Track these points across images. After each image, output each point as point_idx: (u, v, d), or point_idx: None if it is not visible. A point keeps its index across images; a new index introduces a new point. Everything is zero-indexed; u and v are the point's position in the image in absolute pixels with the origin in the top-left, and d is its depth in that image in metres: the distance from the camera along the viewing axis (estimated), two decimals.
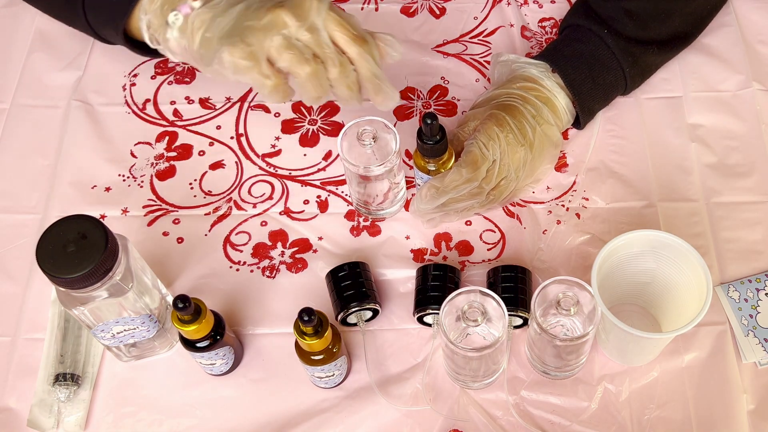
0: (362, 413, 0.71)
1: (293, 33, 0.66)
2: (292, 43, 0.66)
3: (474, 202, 0.75)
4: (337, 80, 0.69)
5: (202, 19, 0.68)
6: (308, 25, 0.66)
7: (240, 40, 0.66)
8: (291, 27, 0.66)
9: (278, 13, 0.66)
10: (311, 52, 0.67)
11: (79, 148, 0.85)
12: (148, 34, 0.73)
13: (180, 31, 0.70)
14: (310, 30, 0.66)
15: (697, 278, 0.66)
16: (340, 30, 0.67)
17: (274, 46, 0.66)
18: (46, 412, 0.71)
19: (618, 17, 0.80)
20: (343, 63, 0.68)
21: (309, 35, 0.67)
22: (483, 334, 0.67)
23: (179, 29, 0.70)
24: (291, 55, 0.66)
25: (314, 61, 0.67)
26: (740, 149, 0.83)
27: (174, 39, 0.71)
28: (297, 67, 0.67)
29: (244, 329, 0.75)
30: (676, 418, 0.70)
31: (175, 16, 0.69)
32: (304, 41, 0.67)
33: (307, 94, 0.69)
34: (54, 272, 0.59)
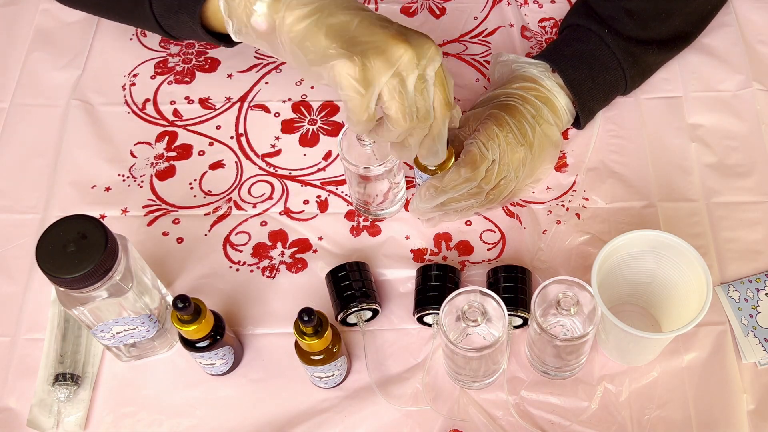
0: (362, 413, 0.71)
1: (407, 75, 0.61)
2: (404, 89, 0.61)
3: (473, 201, 0.75)
4: (415, 131, 0.65)
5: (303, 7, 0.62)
6: (422, 74, 0.62)
7: (361, 59, 0.60)
8: (408, 68, 0.61)
9: (403, 45, 0.60)
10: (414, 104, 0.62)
11: (79, 148, 0.85)
12: (227, 11, 0.65)
13: (270, 7, 0.63)
14: (422, 80, 0.62)
15: (697, 278, 0.66)
16: (440, 91, 0.63)
17: (390, 86, 0.61)
18: (46, 412, 0.71)
19: (618, 17, 0.80)
20: (441, 119, 0.65)
21: (421, 86, 0.62)
22: (483, 334, 0.67)
23: (269, 3, 0.63)
24: (400, 106, 0.61)
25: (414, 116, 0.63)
26: (740, 149, 0.83)
27: (261, 14, 0.63)
28: (400, 119, 0.62)
29: (244, 329, 0.75)
30: (676, 418, 0.70)
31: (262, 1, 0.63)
32: (413, 91, 0.62)
33: (387, 138, 0.65)
34: (54, 272, 0.59)
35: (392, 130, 0.63)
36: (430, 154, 0.68)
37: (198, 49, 0.92)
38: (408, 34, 0.62)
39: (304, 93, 0.88)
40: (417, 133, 0.65)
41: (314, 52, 0.62)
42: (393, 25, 0.63)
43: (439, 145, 0.67)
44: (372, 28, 0.61)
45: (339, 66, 0.60)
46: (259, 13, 0.63)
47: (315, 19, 0.62)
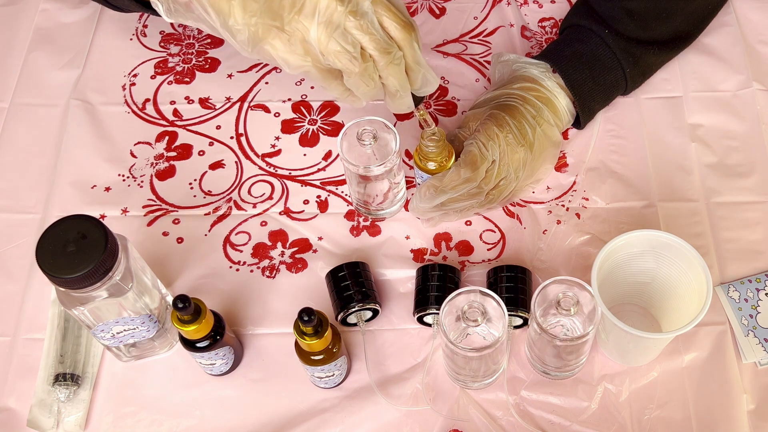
0: (362, 413, 0.71)
1: (337, 18, 0.58)
2: (336, 32, 0.58)
3: (473, 202, 0.75)
4: (387, 70, 0.61)
5: None
6: (355, 8, 0.58)
7: (279, 27, 0.57)
8: (332, 8, 0.57)
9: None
10: (359, 44, 0.59)
11: (79, 148, 0.85)
12: None
13: None
14: (357, 14, 0.58)
15: (697, 278, 0.66)
16: (388, 14, 0.60)
17: (320, 40, 0.58)
18: (46, 412, 0.71)
19: (619, 17, 0.80)
20: (393, 51, 0.60)
21: (356, 20, 0.58)
22: (483, 334, 0.67)
23: None
24: (338, 52, 0.58)
25: (363, 55, 0.60)
26: (740, 149, 0.83)
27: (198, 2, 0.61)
28: (347, 65, 0.59)
29: (244, 329, 0.75)
30: (676, 418, 0.70)
31: None
32: (350, 29, 0.58)
33: (359, 92, 0.63)
34: (54, 272, 0.59)
35: (357, 85, 0.61)
36: (422, 85, 0.65)
37: (198, 49, 0.92)
38: None
39: (304, 93, 0.88)
40: (390, 71, 0.61)
41: (237, 30, 0.59)
42: None
43: (424, 71, 0.64)
44: None
45: (268, 48, 0.59)
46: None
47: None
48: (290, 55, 0.59)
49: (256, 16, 0.58)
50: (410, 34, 0.61)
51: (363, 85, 0.62)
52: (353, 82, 0.62)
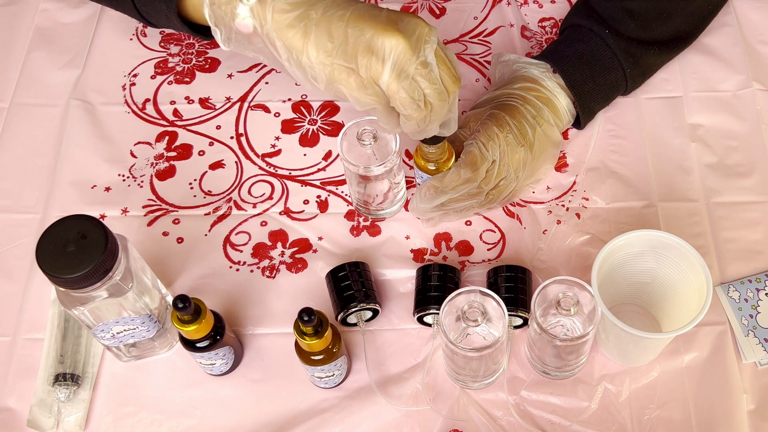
0: (362, 413, 0.71)
1: (408, 68, 0.60)
2: (405, 81, 0.60)
3: (473, 202, 0.75)
4: (437, 118, 0.64)
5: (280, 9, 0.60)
6: (422, 60, 0.60)
7: (354, 70, 0.60)
8: (405, 58, 0.60)
9: (394, 36, 0.59)
10: (422, 92, 0.62)
11: (79, 148, 0.85)
12: (213, 18, 0.63)
13: (253, 18, 0.61)
14: (423, 65, 0.60)
15: (697, 278, 0.66)
16: (445, 69, 0.62)
17: (391, 82, 0.60)
18: (46, 412, 0.71)
19: (619, 17, 0.80)
20: (444, 99, 0.63)
21: (423, 71, 0.60)
22: (483, 334, 0.67)
23: (251, 16, 0.61)
24: (405, 99, 0.61)
25: (425, 103, 0.62)
26: (740, 149, 0.83)
27: (246, 17, 0.62)
28: (410, 112, 0.62)
29: (244, 329, 0.75)
30: (676, 418, 0.70)
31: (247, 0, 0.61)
32: (417, 78, 0.61)
33: (407, 129, 0.65)
34: (54, 272, 0.59)
35: (408, 123, 0.64)
36: (444, 129, 0.68)
37: (198, 49, 0.92)
38: (398, 20, 0.61)
39: (304, 93, 0.88)
40: (436, 117, 0.65)
41: (309, 66, 0.62)
42: (382, 14, 0.61)
43: (453, 116, 0.67)
44: (360, 24, 0.60)
45: (340, 88, 0.61)
46: (242, 17, 0.62)
47: (303, 26, 0.61)
48: (362, 95, 0.62)
49: (332, 57, 0.60)
50: (457, 88, 0.64)
51: (417, 127, 0.64)
52: (410, 126, 0.64)
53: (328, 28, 0.61)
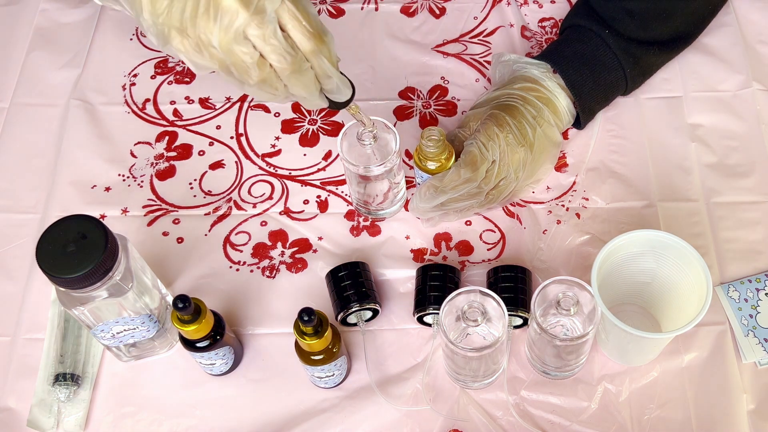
0: (362, 413, 0.71)
1: (238, 24, 0.56)
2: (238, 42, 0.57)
3: (473, 202, 0.75)
4: (290, 80, 0.60)
5: None
6: (257, 15, 0.56)
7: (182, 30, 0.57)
8: (235, 14, 0.56)
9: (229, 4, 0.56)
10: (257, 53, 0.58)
11: (79, 148, 0.85)
12: None
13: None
14: (259, 21, 0.57)
15: (697, 278, 0.66)
16: (294, 23, 0.58)
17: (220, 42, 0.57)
18: (46, 412, 0.71)
19: (619, 17, 0.79)
20: (296, 62, 0.59)
21: (258, 30, 0.57)
22: (483, 334, 0.67)
23: None
24: (237, 62, 0.58)
25: (263, 63, 0.59)
26: (740, 149, 0.83)
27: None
28: (241, 76, 0.59)
29: (244, 329, 0.75)
30: (676, 418, 0.70)
31: None
32: (251, 38, 0.57)
33: (260, 98, 0.62)
34: (54, 272, 0.59)
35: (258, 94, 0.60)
36: (335, 93, 0.63)
37: None
38: None
39: None
40: (293, 81, 0.60)
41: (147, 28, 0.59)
42: None
43: (336, 80, 0.62)
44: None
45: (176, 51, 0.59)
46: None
47: None
48: (196, 57, 0.59)
49: (162, 16, 0.58)
50: (319, 45, 0.59)
51: (264, 93, 0.61)
52: (252, 91, 0.61)
53: None
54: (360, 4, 0.94)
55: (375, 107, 0.86)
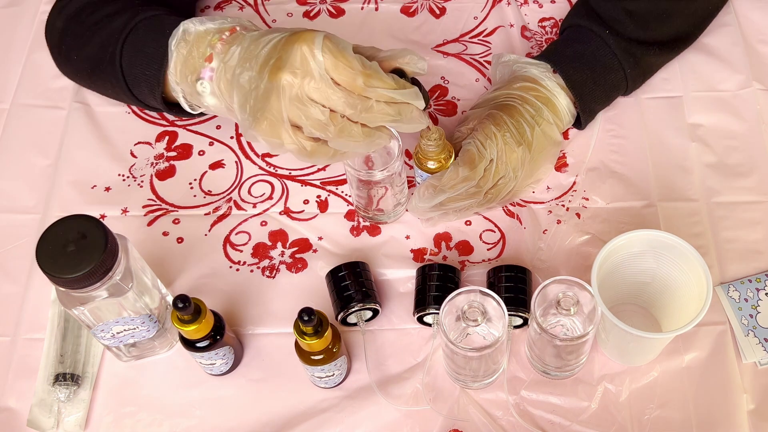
0: (362, 413, 0.71)
1: (301, 93, 0.62)
2: (306, 108, 0.62)
3: (472, 201, 0.75)
4: (367, 119, 0.64)
5: (226, 81, 0.66)
6: (310, 82, 0.62)
7: (260, 117, 0.63)
8: (295, 87, 0.62)
9: (277, 76, 0.62)
10: (327, 110, 0.63)
11: (79, 148, 0.85)
12: (187, 104, 0.72)
13: (214, 97, 0.68)
14: (312, 86, 0.62)
15: (697, 278, 0.66)
16: (336, 74, 0.62)
17: (291, 116, 0.63)
18: (46, 412, 0.71)
19: (619, 18, 0.80)
20: (354, 104, 0.62)
21: (316, 92, 0.62)
22: (483, 334, 0.67)
23: (212, 95, 0.68)
24: (308, 123, 0.63)
25: (334, 116, 0.63)
26: (740, 149, 0.83)
27: (214, 105, 0.69)
28: (322, 134, 0.63)
29: (244, 329, 0.75)
30: (676, 418, 0.70)
31: (201, 85, 0.68)
32: (316, 100, 0.62)
33: (348, 147, 0.65)
34: (54, 272, 0.59)
35: (344, 145, 0.64)
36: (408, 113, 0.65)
37: None
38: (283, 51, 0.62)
39: None
40: (368, 118, 0.63)
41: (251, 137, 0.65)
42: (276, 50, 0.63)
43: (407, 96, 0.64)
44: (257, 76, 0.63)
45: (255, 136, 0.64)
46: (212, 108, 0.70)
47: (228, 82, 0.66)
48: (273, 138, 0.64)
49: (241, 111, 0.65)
50: (366, 82, 0.62)
51: (347, 141, 0.64)
52: (338, 144, 0.64)
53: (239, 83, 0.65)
54: (360, 4, 0.94)
55: None
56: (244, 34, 0.67)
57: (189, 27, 0.69)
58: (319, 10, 0.94)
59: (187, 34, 0.69)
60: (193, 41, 0.69)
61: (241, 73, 0.65)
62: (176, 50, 0.69)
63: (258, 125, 0.63)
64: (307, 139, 0.64)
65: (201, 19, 0.70)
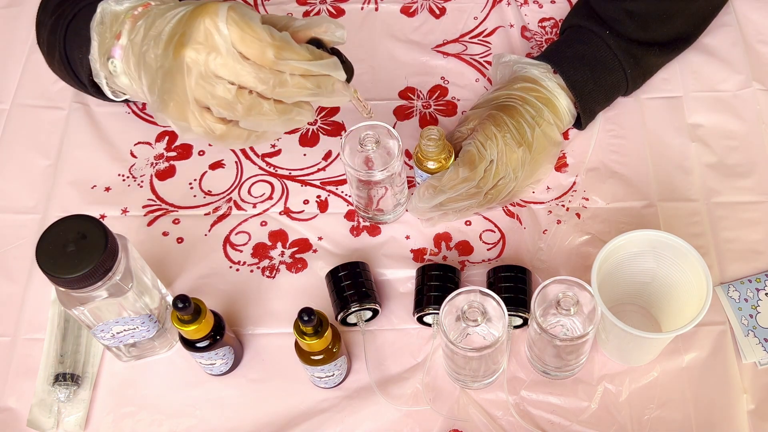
0: (362, 413, 0.71)
1: (206, 70, 0.57)
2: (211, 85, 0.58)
3: (472, 202, 0.75)
4: (282, 95, 0.59)
5: (134, 59, 0.62)
6: (216, 58, 0.57)
7: (167, 98, 0.59)
8: (200, 64, 0.57)
9: (181, 54, 0.57)
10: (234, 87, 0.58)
11: (79, 148, 0.85)
12: (110, 90, 0.68)
13: (127, 76, 0.64)
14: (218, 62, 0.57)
15: (697, 278, 0.66)
16: (244, 47, 0.57)
17: (197, 96, 0.58)
18: (46, 412, 0.71)
19: (619, 18, 0.80)
20: (266, 79, 0.58)
21: (223, 68, 0.57)
22: (483, 334, 0.67)
23: (124, 75, 0.64)
24: (215, 103, 0.58)
25: (240, 94, 0.58)
26: (740, 149, 0.83)
27: (127, 86, 0.65)
28: (229, 113, 0.59)
29: (244, 329, 0.75)
30: (676, 418, 0.70)
31: (112, 64, 0.63)
32: (223, 76, 0.58)
33: (265, 128, 0.61)
34: (54, 272, 0.59)
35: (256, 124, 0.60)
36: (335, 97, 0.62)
37: None
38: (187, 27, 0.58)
39: None
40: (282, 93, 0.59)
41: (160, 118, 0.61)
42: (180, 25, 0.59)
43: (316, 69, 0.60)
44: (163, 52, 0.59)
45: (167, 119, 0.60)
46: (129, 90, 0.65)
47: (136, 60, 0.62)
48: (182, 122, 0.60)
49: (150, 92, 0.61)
50: (277, 54, 0.58)
51: (259, 119, 0.60)
52: (249, 123, 0.60)
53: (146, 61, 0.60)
54: (360, 4, 0.95)
55: (375, 107, 0.85)
56: (152, 9, 0.62)
57: (105, 7, 0.64)
58: (319, 11, 0.94)
59: (104, 14, 0.64)
60: (109, 21, 0.64)
61: (147, 51, 0.60)
62: (96, 32, 0.65)
63: (165, 107, 0.59)
64: (217, 121, 0.60)
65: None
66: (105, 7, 0.65)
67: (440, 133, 0.73)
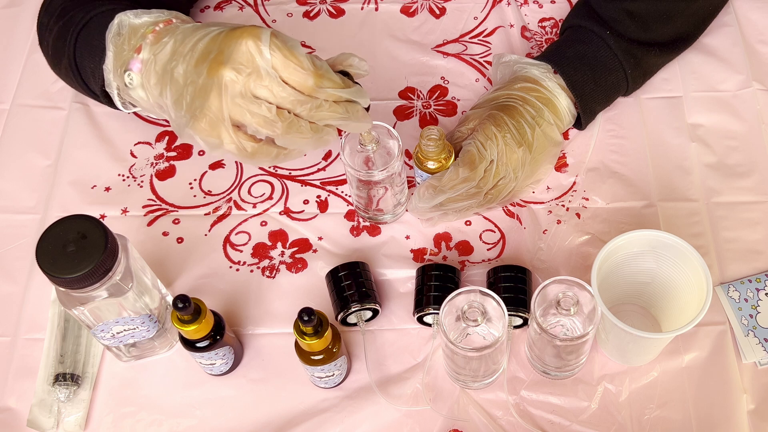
0: (362, 413, 0.71)
1: (245, 90, 0.60)
2: (250, 104, 0.60)
3: (472, 202, 0.75)
4: (317, 118, 0.62)
5: (156, 74, 0.63)
6: (256, 79, 0.59)
7: (199, 115, 0.60)
8: (238, 84, 0.59)
9: (218, 72, 0.59)
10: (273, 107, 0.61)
11: (79, 148, 0.85)
12: (120, 101, 0.69)
13: (143, 90, 0.65)
14: (260, 76, 0.59)
15: (697, 278, 0.66)
16: (286, 73, 0.60)
17: (233, 114, 0.60)
18: (46, 412, 0.71)
19: (620, 18, 0.80)
20: (304, 101, 0.61)
21: (263, 90, 0.60)
22: (483, 334, 0.67)
23: (141, 88, 0.65)
24: (254, 121, 0.60)
25: (280, 113, 0.61)
26: (740, 149, 0.83)
27: (142, 99, 0.66)
28: (268, 131, 0.61)
29: (244, 329, 0.75)
30: (676, 418, 0.70)
31: (129, 76, 0.65)
32: (261, 97, 0.60)
33: (299, 146, 0.63)
34: (54, 272, 0.59)
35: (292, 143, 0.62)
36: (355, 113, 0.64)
37: None
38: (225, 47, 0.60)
39: None
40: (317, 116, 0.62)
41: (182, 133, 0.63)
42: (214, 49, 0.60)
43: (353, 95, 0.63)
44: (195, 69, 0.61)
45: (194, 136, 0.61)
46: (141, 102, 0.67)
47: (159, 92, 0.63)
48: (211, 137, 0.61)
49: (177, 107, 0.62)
50: (317, 82, 0.61)
51: (296, 138, 0.62)
52: (286, 140, 0.62)
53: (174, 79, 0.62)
54: (360, 4, 0.95)
55: (375, 107, 0.86)
56: (178, 26, 0.64)
57: (124, 19, 0.66)
58: (319, 11, 0.94)
59: (122, 26, 0.66)
60: (127, 34, 0.66)
61: (175, 67, 0.62)
62: (112, 43, 0.66)
63: (196, 123, 0.61)
64: (248, 139, 0.62)
65: (137, 12, 0.67)
66: (123, 19, 0.66)
67: (440, 133, 0.73)
